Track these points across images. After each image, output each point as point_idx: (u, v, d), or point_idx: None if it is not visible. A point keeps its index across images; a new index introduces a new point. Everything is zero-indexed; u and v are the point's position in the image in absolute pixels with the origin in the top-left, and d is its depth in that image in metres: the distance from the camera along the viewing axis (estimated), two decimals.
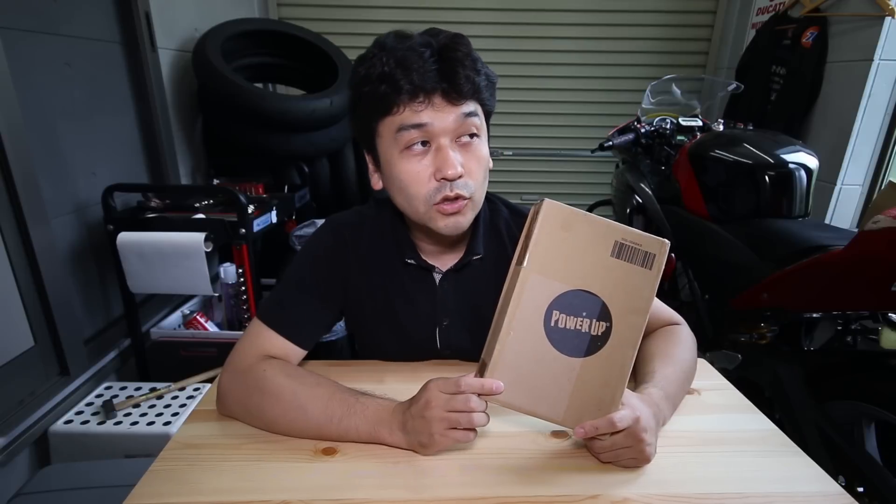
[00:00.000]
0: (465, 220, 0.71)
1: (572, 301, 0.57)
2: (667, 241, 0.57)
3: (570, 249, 0.57)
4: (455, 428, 0.59)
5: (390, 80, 0.64)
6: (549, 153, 3.02)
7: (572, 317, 0.57)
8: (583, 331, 0.57)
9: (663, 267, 0.57)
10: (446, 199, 0.68)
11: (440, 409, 0.58)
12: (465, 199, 0.69)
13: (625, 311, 0.58)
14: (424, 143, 0.67)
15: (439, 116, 0.65)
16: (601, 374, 0.58)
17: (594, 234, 0.57)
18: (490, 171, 0.75)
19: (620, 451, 0.60)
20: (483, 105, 0.70)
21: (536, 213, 0.57)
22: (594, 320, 0.57)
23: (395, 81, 0.64)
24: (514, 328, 0.57)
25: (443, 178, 0.67)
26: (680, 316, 0.83)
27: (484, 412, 0.59)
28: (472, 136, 0.68)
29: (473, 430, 0.59)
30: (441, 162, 0.66)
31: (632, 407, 0.59)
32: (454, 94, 0.65)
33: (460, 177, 0.67)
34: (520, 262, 0.58)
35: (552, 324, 0.57)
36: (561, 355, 0.58)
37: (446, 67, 0.65)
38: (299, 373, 0.70)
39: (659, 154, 1.82)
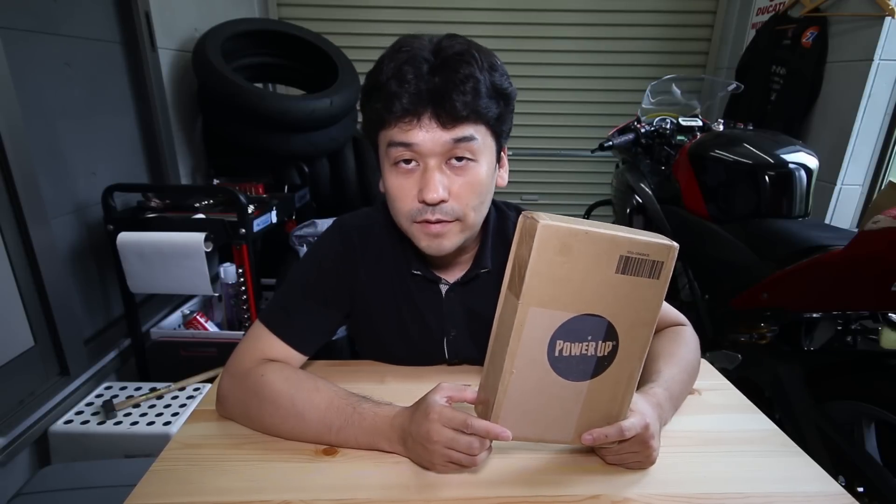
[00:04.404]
0: (450, 243, 0.69)
1: (576, 327, 0.53)
2: (675, 244, 0.53)
3: (571, 273, 0.51)
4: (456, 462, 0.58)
5: (385, 94, 0.62)
6: (549, 153, 3.02)
7: (577, 343, 0.53)
8: (588, 354, 0.54)
9: (671, 273, 0.53)
10: (427, 221, 0.67)
11: (442, 446, 0.56)
12: (447, 222, 0.67)
13: (631, 325, 0.54)
14: (413, 161, 0.65)
15: (427, 138, 0.63)
16: (609, 391, 0.56)
17: (596, 253, 0.51)
18: None
19: (626, 454, 0.60)
20: (488, 125, 0.66)
21: (528, 232, 0.51)
22: (600, 342, 0.54)
23: (388, 96, 0.62)
24: (516, 366, 0.53)
25: (423, 201, 0.65)
26: (685, 317, 0.83)
27: (487, 450, 0.58)
28: (464, 159, 0.65)
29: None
30: (423, 184, 0.64)
31: (641, 413, 0.58)
32: (445, 117, 0.62)
33: (442, 201, 0.65)
34: (514, 292, 0.53)
35: (556, 354, 0.53)
36: (567, 382, 0.55)
37: (440, 88, 0.61)
38: (297, 377, 0.69)
39: (659, 154, 1.82)
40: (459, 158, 0.65)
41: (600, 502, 0.57)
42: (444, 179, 0.65)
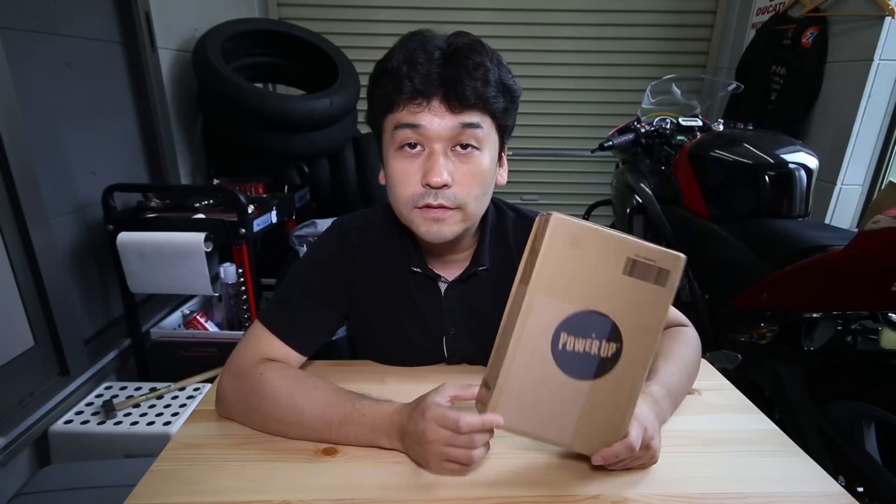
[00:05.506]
0: (450, 230, 0.69)
1: (581, 322, 0.54)
2: (682, 255, 0.54)
3: (580, 268, 0.53)
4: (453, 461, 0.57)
5: (395, 77, 0.64)
6: (549, 153, 3.02)
7: (581, 338, 0.54)
8: (592, 353, 0.55)
9: (678, 283, 0.54)
10: (428, 206, 0.67)
11: (439, 444, 0.56)
12: (448, 208, 0.67)
13: (636, 330, 0.55)
14: (419, 145, 0.66)
15: (435, 121, 0.64)
16: (611, 396, 0.56)
17: (605, 251, 0.53)
18: None
19: (629, 458, 0.59)
20: (493, 117, 0.68)
21: (542, 227, 0.53)
22: (604, 341, 0.55)
23: (398, 79, 0.63)
24: (520, 353, 0.54)
25: (427, 185, 0.66)
26: (686, 318, 0.83)
27: (485, 445, 0.57)
28: (469, 146, 0.66)
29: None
30: (428, 168, 0.65)
31: (639, 418, 0.58)
32: (454, 102, 0.63)
33: (445, 186, 0.65)
34: (525, 282, 0.54)
35: (560, 347, 0.54)
36: (569, 379, 0.55)
37: (450, 73, 0.63)
38: (296, 375, 0.69)
39: (659, 154, 1.82)
40: (465, 146, 0.66)
41: (600, 502, 0.57)
42: (448, 165, 0.66)
